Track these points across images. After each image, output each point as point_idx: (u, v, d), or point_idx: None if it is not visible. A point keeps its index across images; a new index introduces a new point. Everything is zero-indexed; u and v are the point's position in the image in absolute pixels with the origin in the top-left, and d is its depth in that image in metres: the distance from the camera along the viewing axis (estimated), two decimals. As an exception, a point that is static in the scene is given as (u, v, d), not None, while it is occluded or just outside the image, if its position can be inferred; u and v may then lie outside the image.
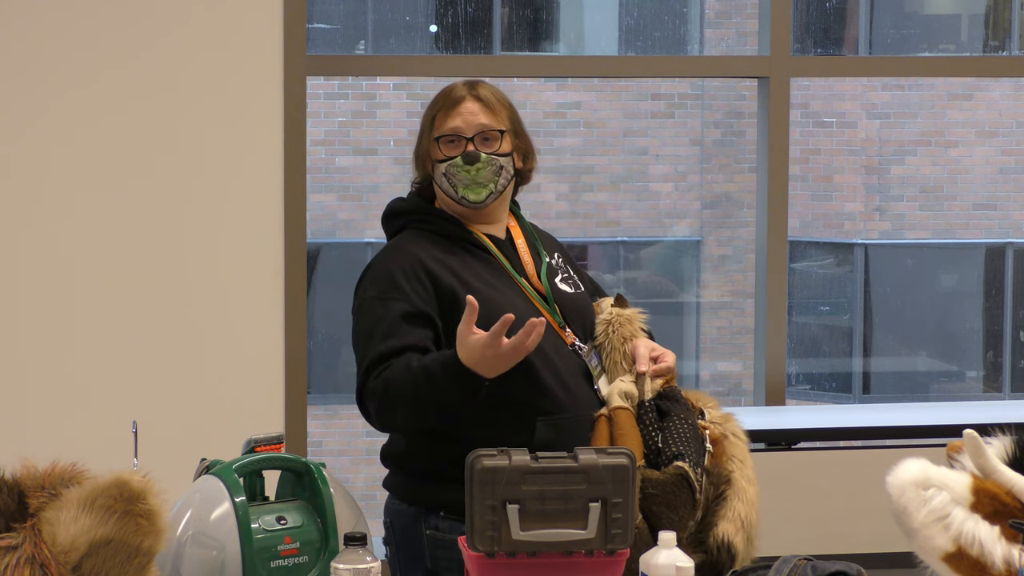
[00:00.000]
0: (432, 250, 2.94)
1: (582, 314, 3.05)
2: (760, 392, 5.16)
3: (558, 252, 3.14)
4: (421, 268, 2.91)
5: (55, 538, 2.09)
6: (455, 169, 2.94)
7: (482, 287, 2.91)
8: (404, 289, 2.88)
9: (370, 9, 11.03)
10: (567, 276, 3.10)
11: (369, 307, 2.90)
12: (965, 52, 11.50)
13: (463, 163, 2.93)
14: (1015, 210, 11.47)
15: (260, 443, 2.53)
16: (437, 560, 2.89)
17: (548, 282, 3.03)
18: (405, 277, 2.90)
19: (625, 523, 2.44)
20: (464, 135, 2.95)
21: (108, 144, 4.54)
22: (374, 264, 2.98)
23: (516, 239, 3.06)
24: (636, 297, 11.48)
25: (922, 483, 2.43)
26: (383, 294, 2.89)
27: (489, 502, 2.40)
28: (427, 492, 2.89)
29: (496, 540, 2.40)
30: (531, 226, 3.15)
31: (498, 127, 2.97)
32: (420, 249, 2.94)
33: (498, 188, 2.97)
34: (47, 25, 4.51)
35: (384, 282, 2.90)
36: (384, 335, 2.84)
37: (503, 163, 2.97)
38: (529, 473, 2.41)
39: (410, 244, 2.96)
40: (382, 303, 2.88)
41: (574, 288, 3.08)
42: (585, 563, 2.44)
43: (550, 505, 2.42)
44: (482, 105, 2.97)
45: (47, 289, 4.54)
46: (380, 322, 2.86)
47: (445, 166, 2.95)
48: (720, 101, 11.34)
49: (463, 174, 2.94)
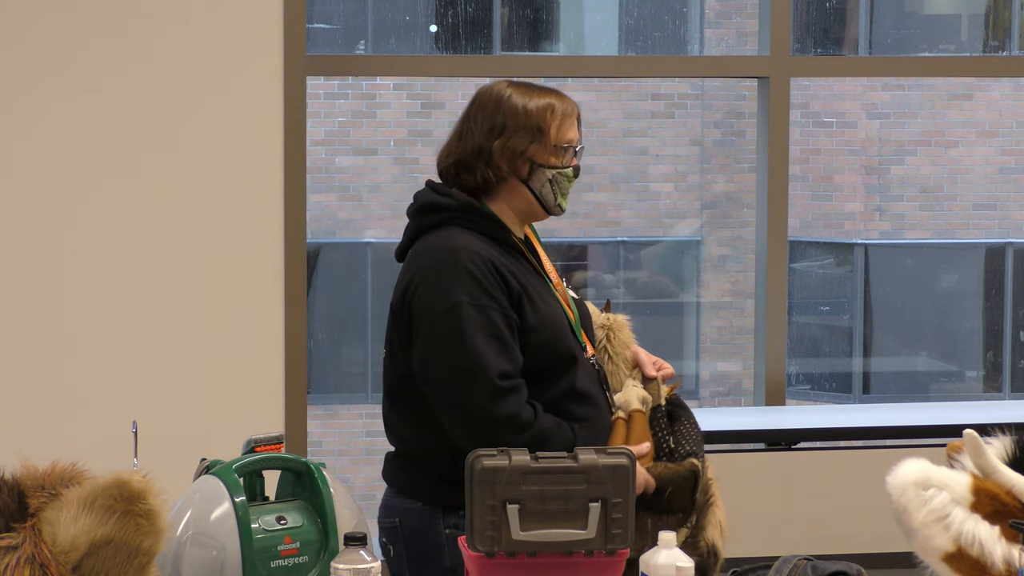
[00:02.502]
0: (493, 251, 2.91)
1: (589, 322, 3.08)
2: (760, 392, 5.16)
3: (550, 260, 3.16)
4: (493, 270, 2.86)
5: (55, 538, 2.09)
6: (562, 178, 2.96)
7: (540, 300, 2.91)
8: (494, 295, 2.84)
9: (370, 9, 11.03)
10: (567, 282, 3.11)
11: (471, 312, 2.81)
12: (965, 52, 11.50)
13: (572, 175, 2.97)
14: (1015, 210, 11.47)
15: (260, 443, 2.53)
16: (456, 557, 2.87)
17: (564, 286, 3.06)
18: (487, 281, 2.84)
19: (625, 523, 2.44)
20: (576, 148, 2.99)
21: (108, 144, 4.54)
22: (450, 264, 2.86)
23: (536, 246, 3.08)
24: (636, 297, 11.48)
25: (922, 483, 2.43)
26: (477, 300, 2.82)
27: (489, 502, 2.40)
28: (452, 492, 2.84)
29: (496, 540, 2.40)
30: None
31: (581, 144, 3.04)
32: (487, 250, 2.89)
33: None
34: (48, 26, 4.51)
35: (475, 287, 2.83)
36: (499, 350, 2.80)
37: None
38: (529, 473, 2.41)
39: (476, 244, 2.89)
40: (482, 311, 2.82)
41: (578, 294, 3.11)
42: (585, 563, 2.44)
43: (550, 505, 2.42)
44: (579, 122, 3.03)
45: (48, 289, 4.54)
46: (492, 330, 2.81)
47: (554, 173, 2.95)
48: (720, 101, 11.34)
49: (567, 184, 2.97)
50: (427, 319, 2.83)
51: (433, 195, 2.98)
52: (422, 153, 10.92)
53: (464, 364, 2.78)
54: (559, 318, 2.92)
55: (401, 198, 10.96)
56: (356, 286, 10.86)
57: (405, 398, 2.92)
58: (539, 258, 3.03)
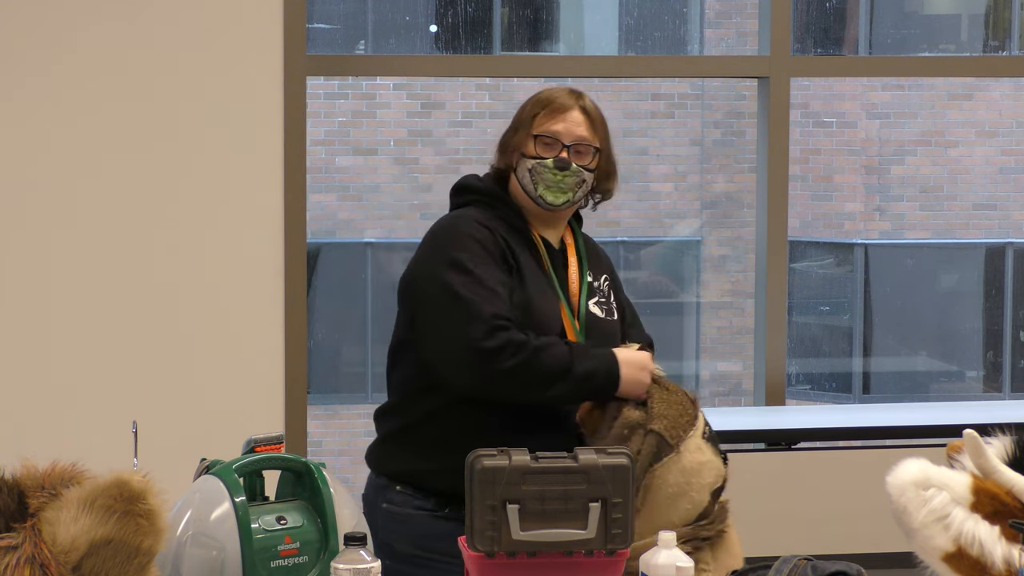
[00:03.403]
0: (502, 233, 3.00)
1: (607, 340, 3.08)
2: (760, 392, 5.16)
3: (607, 275, 3.18)
4: (495, 238, 2.97)
5: (55, 538, 2.09)
6: (543, 169, 3.01)
7: (529, 286, 2.97)
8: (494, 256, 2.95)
9: (370, 9, 11.03)
10: (604, 300, 3.13)
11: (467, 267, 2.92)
12: (965, 52, 11.50)
13: (553, 166, 3.00)
14: (1015, 210, 11.47)
15: (260, 443, 2.53)
16: (391, 533, 2.99)
17: (584, 303, 3.07)
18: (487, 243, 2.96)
19: (625, 523, 2.44)
20: (562, 141, 3.03)
21: (108, 144, 4.54)
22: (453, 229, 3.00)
23: (569, 254, 3.12)
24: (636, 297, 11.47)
25: (922, 483, 2.43)
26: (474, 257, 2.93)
27: (489, 502, 2.40)
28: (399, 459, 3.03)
29: (496, 540, 2.40)
30: (588, 243, 3.21)
31: (594, 143, 3.07)
32: (494, 228, 3.00)
33: (575, 198, 3.06)
34: (47, 26, 4.51)
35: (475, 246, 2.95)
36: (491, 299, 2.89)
37: (586, 177, 3.06)
38: (529, 473, 2.42)
39: (480, 219, 3.01)
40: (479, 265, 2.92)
41: (607, 314, 3.11)
42: (585, 563, 2.44)
43: (550, 505, 2.42)
44: (586, 118, 3.08)
45: (47, 289, 4.55)
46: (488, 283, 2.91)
47: (533, 163, 3.02)
48: (720, 101, 11.34)
49: (549, 176, 3.01)
50: (426, 275, 2.96)
51: (467, 179, 3.12)
52: (422, 153, 10.93)
53: (459, 310, 2.88)
54: (540, 311, 2.97)
55: (401, 198, 10.97)
56: (356, 286, 10.86)
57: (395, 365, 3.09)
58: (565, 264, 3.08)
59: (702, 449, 2.92)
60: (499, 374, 2.87)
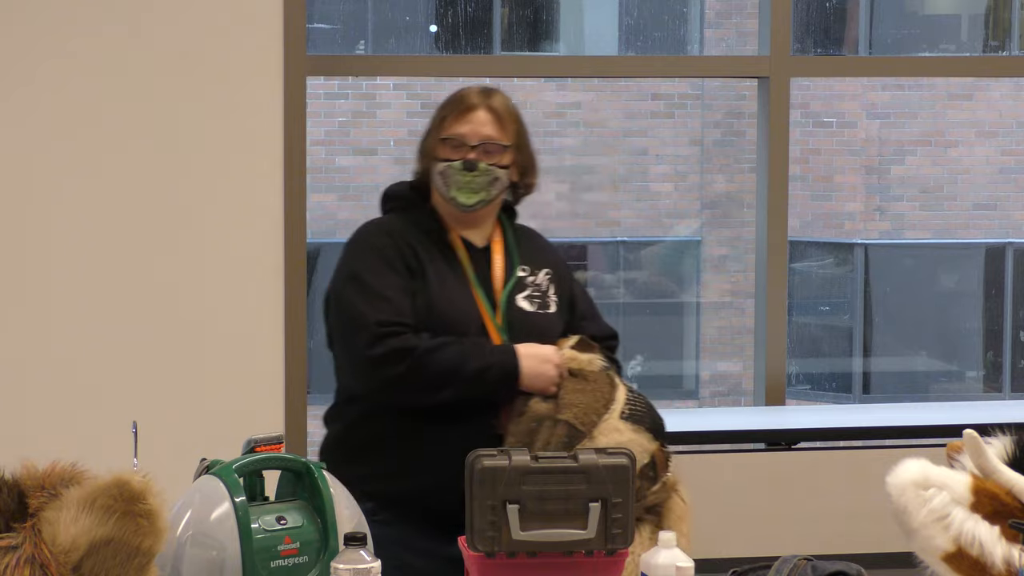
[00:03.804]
0: (409, 239, 3.07)
1: (538, 334, 3.09)
2: (760, 392, 5.16)
3: (549, 269, 3.16)
4: (399, 251, 3.04)
5: (55, 538, 2.09)
6: (452, 171, 3.04)
7: (434, 289, 3.02)
8: (395, 267, 3.02)
9: (370, 9, 11.03)
10: (538, 295, 3.12)
11: (362, 276, 3.02)
12: (965, 52, 11.50)
13: (461, 168, 3.03)
14: (1015, 210, 11.47)
15: (260, 443, 2.52)
16: None
17: (508, 298, 3.07)
18: (392, 256, 3.04)
19: (625, 523, 2.44)
20: (468, 142, 3.04)
21: (108, 144, 4.54)
22: (360, 239, 3.12)
23: (494, 252, 3.12)
24: (636, 297, 11.48)
25: (922, 483, 2.43)
26: (375, 267, 3.02)
27: (489, 502, 2.40)
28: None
29: (496, 540, 2.41)
30: (526, 237, 3.21)
31: (503, 141, 3.07)
32: (399, 235, 3.07)
33: (489, 197, 3.07)
34: (48, 27, 4.51)
35: (375, 256, 3.05)
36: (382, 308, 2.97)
37: (499, 175, 3.06)
38: (529, 473, 2.42)
39: (390, 228, 3.11)
40: (376, 274, 3.01)
41: (539, 308, 3.11)
42: (585, 563, 2.44)
43: (550, 505, 2.42)
44: (493, 116, 3.07)
45: (47, 289, 4.54)
46: (381, 291, 2.99)
47: (443, 166, 3.05)
48: (720, 101, 11.34)
49: (459, 177, 3.03)
50: (331, 290, 3.11)
51: (391, 186, 3.22)
52: (422, 153, 10.91)
53: (349, 321, 3.02)
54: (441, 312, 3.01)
55: (401, 198, 10.96)
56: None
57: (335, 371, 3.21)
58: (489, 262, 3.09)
59: (620, 430, 2.93)
60: (388, 381, 2.94)
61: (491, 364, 2.96)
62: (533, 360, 2.98)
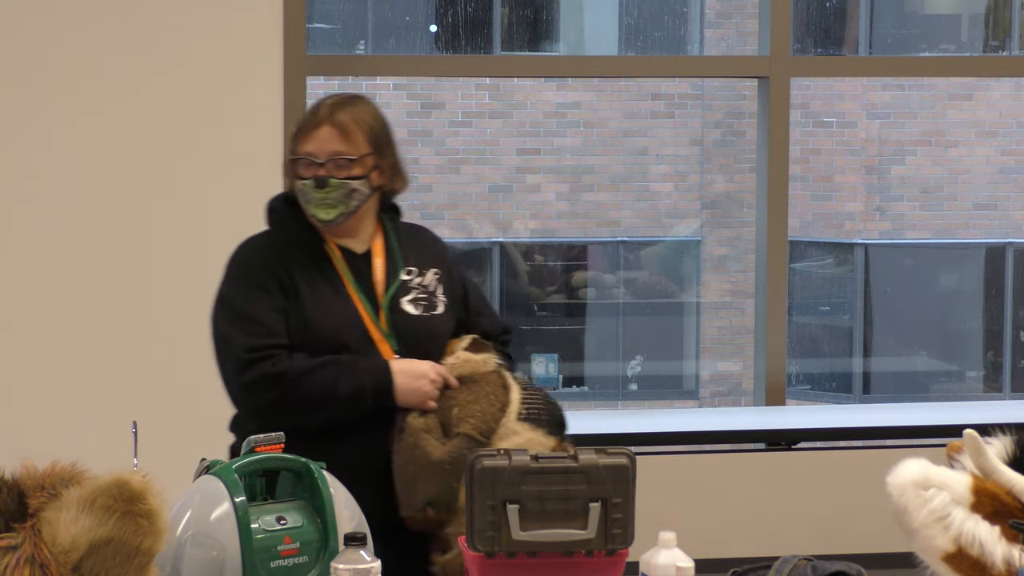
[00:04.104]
0: (280, 254, 3.07)
1: (425, 337, 3.09)
2: (760, 392, 5.16)
3: (437, 268, 3.16)
4: (270, 270, 3.04)
5: (55, 538, 2.09)
6: (307, 189, 3.04)
7: (311, 303, 3.02)
8: (266, 287, 3.02)
9: (370, 9, 11.03)
10: (424, 296, 3.11)
11: (232, 301, 3.03)
12: (965, 52, 11.50)
13: (313, 186, 3.03)
14: (1015, 210, 11.47)
15: (260, 443, 2.52)
16: None
17: (391, 303, 3.07)
18: (263, 276, 3.04)
19: (625, 523, 2.44)
20: (316, 160, 3.03)
21: (109, 144, 4.54)
22: (233, 262, 3.12)
23: (375, 257, 3.11)
24: (636, 297, 11.48)
25: (922, 483, 2.43)
26: (244, 291, 3.03)
27: (489, 502, 2.40)
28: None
29: (496, 540, 2.40)
30: (411, 237, 3.20)
31: (350, 154, 3.04)
32: (269, 252, 3.08)
33: (349, 210, 3.05)
34: (48, 27, 4.51)
35: (244, 280, 3.06)
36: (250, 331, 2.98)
37: (355, 186, 3.05)
38: (529, 473, 2.42)
39: (262, 246, 3.11)
40: (245, 298, 3.02)
41: (424, 310, 3.11)
42: (585, 563, 2.44)
43: (550, 505, 2.42)
44: (338, 131, 3.04)
45: (47, 289, 4.54)
46: (249, 315, 3.00)
47: (300, 184, 3.06)
48: (720, 101, 11.34)
49: (313, 195, 3.03)
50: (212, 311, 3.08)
51: (276, 199, 3.18)
52: (422, 153, 10.93)
53: (220, 347, 3.03)
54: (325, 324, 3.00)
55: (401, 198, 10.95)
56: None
57: None
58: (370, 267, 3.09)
59: (518, 432, 2.94)
60: (261, 407, 2.96)
61: (364, 385, 2.95)
62: (407, 376, 2.98)
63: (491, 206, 11.12)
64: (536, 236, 11.30)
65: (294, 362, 2.96)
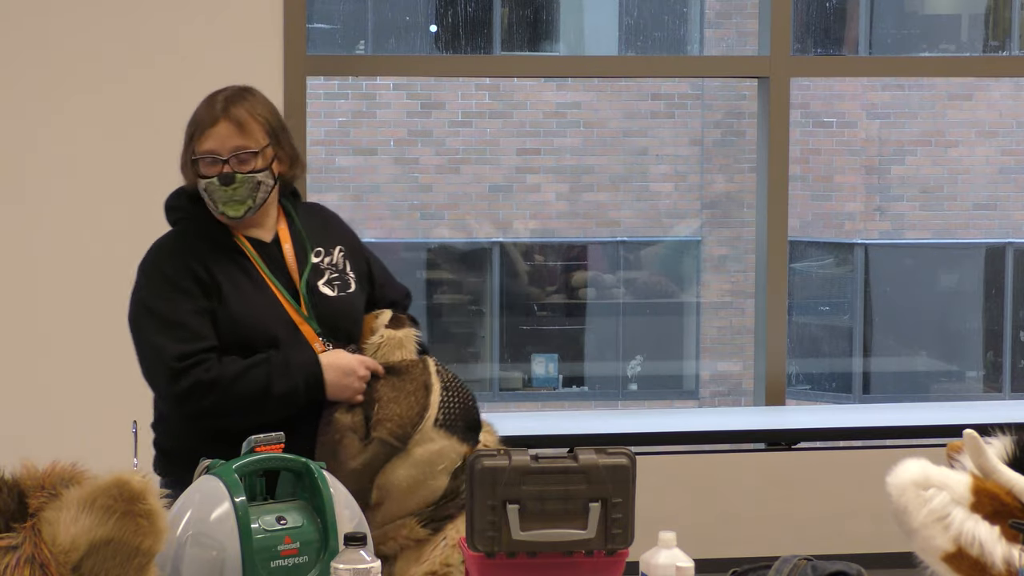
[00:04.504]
0: (194, 252, 3.05)
1: (344, 317, 3.11)
2: (760, 392, 5.16)
3: (340, 246, 3.18)
4: (190, 270, 3.02)
5: (55, 538, 2.09)
6: (213, 188, 3.03)
7: (233, 298, 3.00)
8: (185, 289, 3.00)
9: (370, 9, 11.03)
10: (336, 276, 3.12)
11: (153, 307, 3.03)
12: (965, 52, 11.50)
13: (220, 184, 3.02)
14: (1015, 210, 11.47)
15: (260, 443, 2.52)
16: None
17: (308, 287, 3.07)
18: (182, 277, 3.02)
19: (625, 523, 2.44)
20: (220, 156, 3.03)
21: (109, 144, 4.54)
22: (147, 265, 3.10)
23: (283, 243, 3.11)
24: (636, 297, 11.48)
25: (922, 483, 2.43)
26: (165, 295, 3.02)
27: (489, 502, 2.40)
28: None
29: (496, 540, 2.40)
30: (312, 218, 3.21)
31: (252, 147, 3.04)
32: (185, 251, 3.05)
33: (256, 203, 3.05)
34: (48, 28, 4.51)
35: (163, 283, 3.03)
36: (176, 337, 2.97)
37: (260, 179, 3.04)
38: (529, 473, 2.41)
39: (176, 245, 3.08)
40: (166, 302, 3.01)
41: (339, 290, 3.11)
42: (585, 563, 2.44)
43: (550, 505, 2.42)
44: (235, 126, 3.04)
45: (48, 289, 4.54)
46: (173, 320, 2.99)
47: (205, 183, 3.04)
48: (720, 101, 11.34)
49: (220, 193, 3.02)
50: (129, 315, 3.12)
51: (169, 199, 3.18)
52: (422, 153, 10.93)
53: (146, 355, 3.04)
54: (252, 317, 3.00)
55: (401, 198, 10.96)
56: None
57: None
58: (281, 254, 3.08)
59: (433, 439, 2.95)
60: (197, 414, 2.95)
61: (298, 383, 2.96)
62: (336, 372, 2.98)
63: (491, 206, 11.11)
64: (536, 236, 11.30)
65: (225, 366, 2.95)
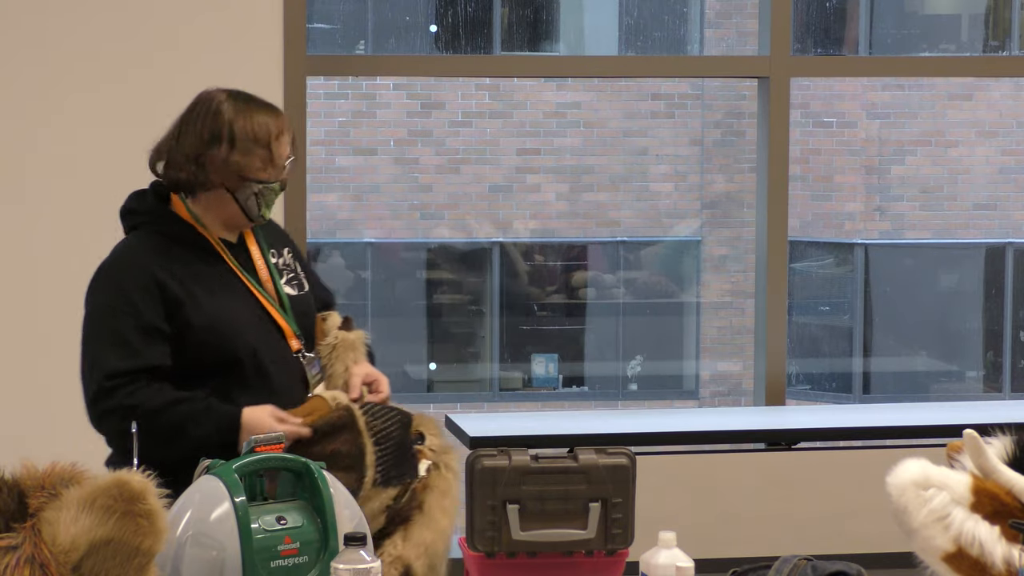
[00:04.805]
0: (162, 258, 2.99)
1: (306, 316, 3.10)
2: (760, 392, 5.16)
3: (288, 248, 3.18)
4: (152, 280, 2.96)
5: (55, 538, 2.09)
6: (269, 192, 3.01)
7: (209, 301, 2.96)
8: (135, 303, 2.95)
9: (370, 9, 11.03)
10: (293, 276, 3.13)
11: (100, 317, 2.99)
12: (965, 52, 11.50)
13: (279, 189, 3.02)
14: (1015, 210, 11.47)
15: (260, 443, 2.52)
16: None
17: (276, 286, 3.07)
18: (135, 289, 2.96)
19: (625, 523, 2.44)
20: (284, 163, 3.03)
21: (108, 144, 4.54)
22: (105, 271, 3.04)
23: (249, 244, 3.10)
24: (636, 297, 11.49)
25: (922, 483, 2.43)
26: (114, 306, 2.97)
27: (489, 502, 2.40)
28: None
29: (496, 540, 2.40)
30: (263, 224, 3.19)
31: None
32: (150, 258, 2.99)
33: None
34: (47, 27, 4.51)
35: (115, 294, 2.98)
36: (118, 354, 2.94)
37: None
38: (529, 473, 2.42)
39: (141, 252, 3.01)
40: (114, 315, 2.97)
41: (298, 289, 3.12)
42: (585, 563, 2.44)
43: (550, 505, 2.42)
44: (291, 135, 3.07)
45: (47, 290, 4.54)
46: (116, 334, 2.95)
47: (260, 187, 3.00)
48: (720, 101, 11.34)
49: (273, 196, 3.02)
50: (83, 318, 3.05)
51: (130, 202, 3.14)
52: (422, 153, 10.93)
53: (84, 365, 3.03)
54: (228, 320, 2.96)
55: (401, 198, 10.97)
56: (356, 286, 10.86)
57: None
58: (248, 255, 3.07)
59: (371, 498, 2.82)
60: (112, 434, 2.97)
61: (210, 435, 2.88)
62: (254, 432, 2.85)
63: (491, 206, 11.12)
64: (536, 236, 11.30)
65: (151, 395, 2.90)
